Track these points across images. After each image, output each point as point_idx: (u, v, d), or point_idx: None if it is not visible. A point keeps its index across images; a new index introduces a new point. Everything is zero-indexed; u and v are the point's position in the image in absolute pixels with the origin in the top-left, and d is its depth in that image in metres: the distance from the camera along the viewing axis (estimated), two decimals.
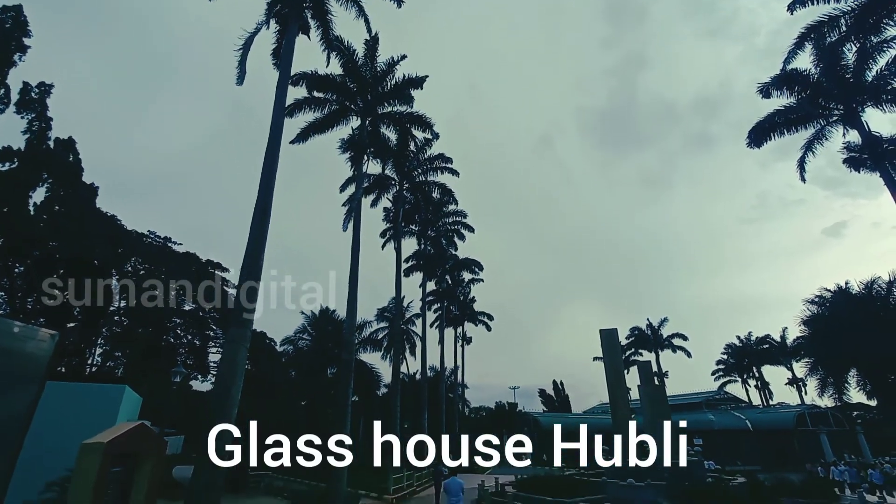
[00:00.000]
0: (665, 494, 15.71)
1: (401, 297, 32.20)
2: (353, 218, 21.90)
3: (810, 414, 41.41)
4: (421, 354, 37.47)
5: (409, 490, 21.76)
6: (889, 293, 25.93)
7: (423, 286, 38.83)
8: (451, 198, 35.04)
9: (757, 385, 61.65)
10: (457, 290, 49.75)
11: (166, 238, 27.87)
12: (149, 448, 7.25)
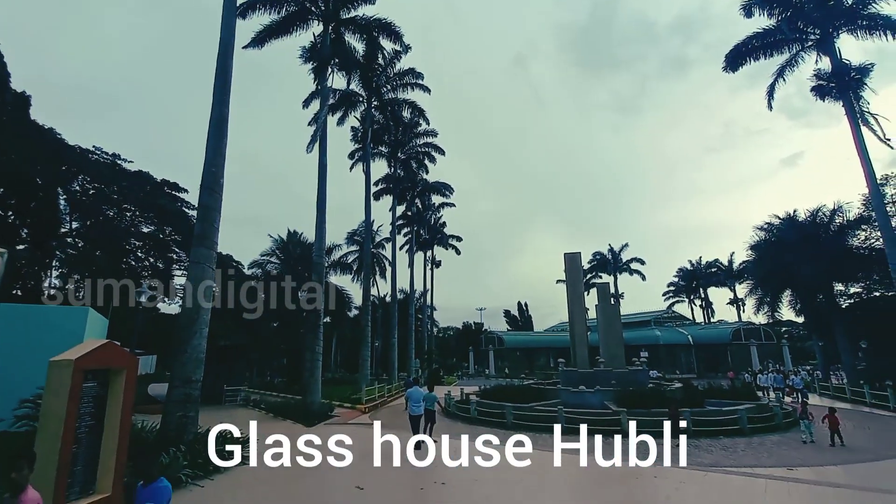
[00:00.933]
0: (611, 398, 17.59)
1: (370, 220, 31.97)
2: (319, 138, 20.84)
3: (744, 329, 45.97)
4: (391, 277, 38.24)
5: (381, 400, 23.34)
6: (831, 221, 27.84)
7: (393, 210, 38.51)
8: (422, 117, 33.60)
9: (702, 305, 67.40)
10: (427, 214, 49.69)
11: (115, 155, 25.77)
12: (120, 363, 7.31)
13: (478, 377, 48.00)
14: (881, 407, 19.57)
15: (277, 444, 11.88)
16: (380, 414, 19.87)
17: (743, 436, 13.79)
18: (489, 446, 12.72)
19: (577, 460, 11.15)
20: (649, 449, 11.48)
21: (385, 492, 8.20)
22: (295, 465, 10.37)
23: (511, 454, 11.55)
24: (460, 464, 10.35)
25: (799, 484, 8.75)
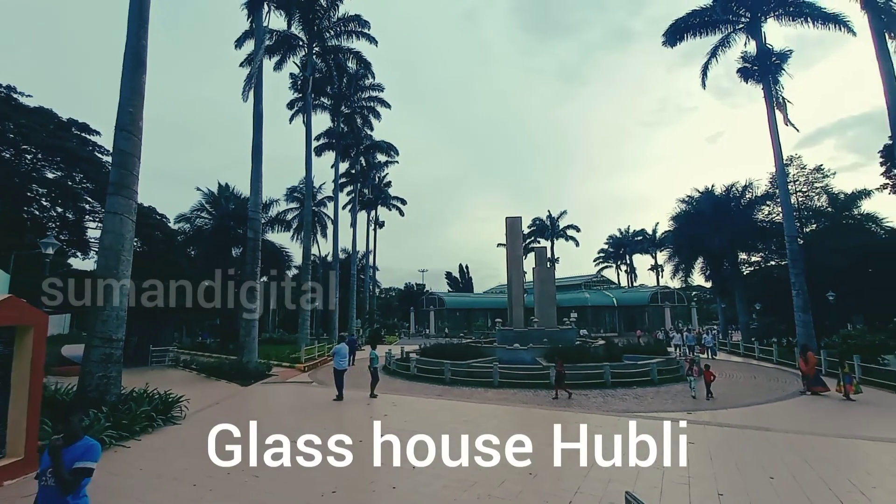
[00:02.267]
0: (542, 354, 18.90)
1: (311, 176, 30.61)
2: (254, 83, 19.28)
3: (661, 293, 50.55)
4: (333, 237, 37.41)
5: (321, 359, 23.33)
6: (742, 196, 30.91)
7: (336, 167, 37.09)
8: (368, 71, 31.98)
9: (627, 270, 72.90)
10: (371, 172, 48.38)
11: (10, 87, 22.13)
12: (26, 320, 6.70)
13: (418, 337, 49.14)
14: (767, 360, 22.67)
15: (212, 403, 11.63)
16: (319, 373, 19.92)
17: (653, 385, 15.47)
18: (429, 398, 13.42)
19: (510, 409, 12.05)
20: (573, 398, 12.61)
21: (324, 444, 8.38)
22: (228, 424, 10.26)
23: (448, 406, 12.25)
24: (401, 417, 10.77)
25: (695, 425, 10.11)
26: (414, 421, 10.21)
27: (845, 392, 12.97)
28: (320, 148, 38.29)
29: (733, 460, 7.40)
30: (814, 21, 21.66)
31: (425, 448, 7.85)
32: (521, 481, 6.18)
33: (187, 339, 35.40)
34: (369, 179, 48.70)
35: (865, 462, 7.41)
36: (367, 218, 52.87)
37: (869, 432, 9.52)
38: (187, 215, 31.33)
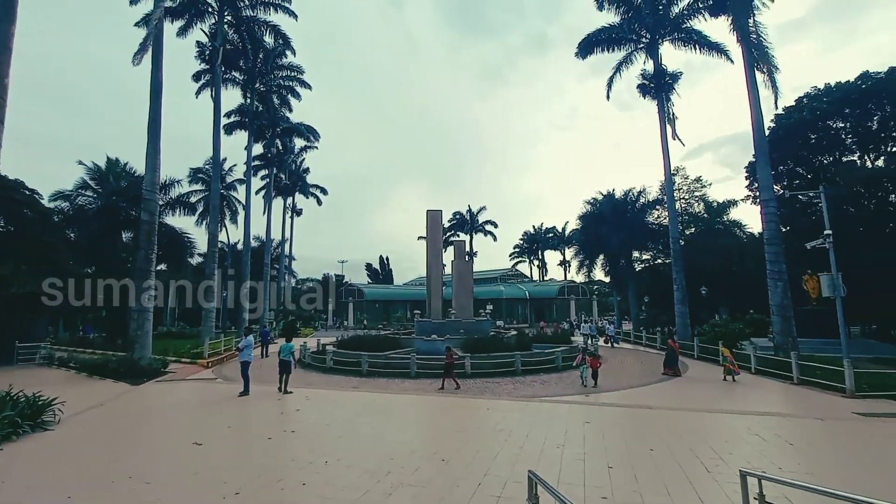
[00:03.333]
0: (459, 345, 19.49)
1: (220, 156, 28.24)
2: (152, 49, 17.25)
3: (567, 287, 54.65)
4: (244, 223, 34.89)
5: (228, 354, 21.81)
6: (636, 200, 34.55)
7: (249, 148, 34.53)
8: (287, 46, 30.15)
9: (539, 265, 77.59)
10: (288, 157, 45.83)
11: None
12: None
13: (336, 329, 47.90)
14: (652, 347, 25.62)
15: (94, 405, 10.37)
16: (225, 368, 18.64)
17: (557, 371, 16.73)
18: (343, 391, 13.23)
19: (426, 399, 12.34)
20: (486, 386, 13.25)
21: (227, 444, 7.93)
22: (114, 426, 9.27)
23: (365, 398, 12.19)
24: (314, 410, 10.51)
25: (591, 406, 11.19)
26: (328, 414, 10.04)
27: (730, 372, 14.97)
28: (231, 126, 35.39)
29: (621, 436, 8.33)
30: (700, 47, 24.67)
31: (339, 441, 7.80)
32: (434, 467, 6.40)
33: (65, 333, 30.92)
34: (286, 164, 46.12)
35: (725, 432, 8.74)
36: (284, 205, 50.17)
37: (728, 406, 11.26)
38: (67, 192, 27.17)
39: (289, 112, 37.94)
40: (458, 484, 5.72)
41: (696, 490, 5.60)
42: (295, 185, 50.22)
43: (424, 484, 5.73)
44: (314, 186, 52.45)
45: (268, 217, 40.70)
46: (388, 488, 5.58)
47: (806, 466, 6.77)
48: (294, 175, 49.72)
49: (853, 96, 23.84)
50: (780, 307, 17.85)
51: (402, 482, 5.78)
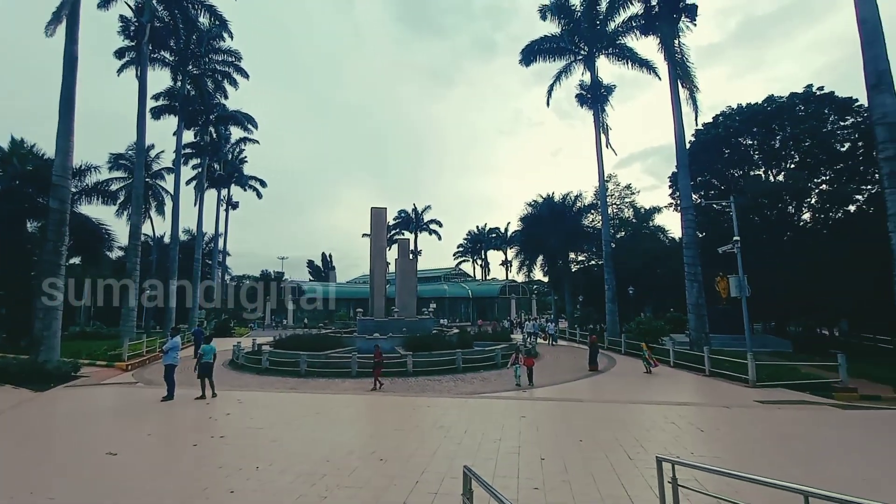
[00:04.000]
0: (401, 344, 19.46)
1: (145, 141, 26.06)
2: (67, 19, 15.58)
3: (509, 286, 56.31)
4: (172, 215, 32.47)
5: (151, 356, 20.21)
6: (573, 204, 36.38)
7: (179, 134, 32.18)
8: (224, 29, 28.40)
9: (482, 264, 79.23)
10: (223, 146, 43.27)
11: None
12: None
13: (274, 328, 45.94)
14: (585, 344, 26.98)
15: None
16: (148, 372, 17.28)
17: (497, 368, 17.19)
18: (279, 392, 12.75)
19: (366, 399, 12.21)
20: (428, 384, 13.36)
21: (146, 454, 7.39)
22: (13, 437, 8.32)
23: (302, 399, 11.83)
24: (246, 414, 10.04)
25: (527, 401, 11.66)
26: (261, 417, 9.64)
27: (649, 364, 16.37)
28: (159, 110, 32.79)
29: (553, 429, 8.76)
30: (632, 63, 26.42)
31: (273, 445, 7.53)
32: (372, 467, 6.38)
33: None
34: (221, 153, 43.55)
35: (646, 421, 9.45)
36: (218, 197, 47.28)
37: (649, 398, 12.19)
38: None
39: (224, 99, 35.82)
40: (396, 482, 5.74)
41: (619, 476, 6.02)
42: (231, 177, 47.48)
43: (362, 485, 5.70)
44: (252, 178, 49.91)
45: (199, 209, 38.23)
46: (322, 491, 5.48)
47: (714, 450, 7.51)
48: (230, 166, 46.98)
49: (760, 117, 26.66)
50: (696, 306, 19.59)
51: (338, 484, 5.70)
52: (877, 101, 12.16)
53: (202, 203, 38.91)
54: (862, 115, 23.19)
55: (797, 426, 9.27)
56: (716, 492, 4.85)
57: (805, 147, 25.66)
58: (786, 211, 24.82)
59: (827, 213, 24.42)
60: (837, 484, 5.86)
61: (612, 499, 5.28)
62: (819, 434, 8.65)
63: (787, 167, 27.02)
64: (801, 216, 25.26)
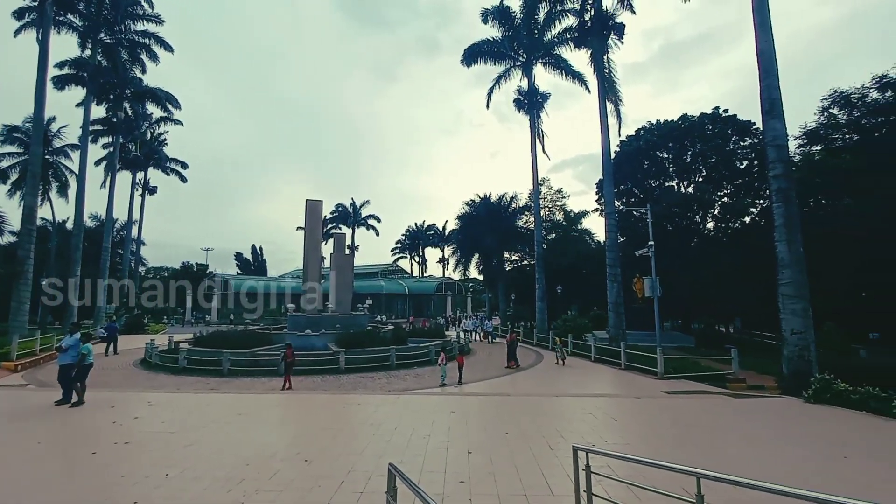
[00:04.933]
0: (334, 340, 19.01)
1: (44, 113, 23.05)
2: None
3: (445, 283, 57.00)
4: (76, 197, 29.06)
5: (47, 354, 18.00)
6: (509, 205, 37.63)
7: (87, 108, 28.84)
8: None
9: (419, 261, 79.43)
10: (141, 125, 39.46)
11: None
12: None
13: (197, 324, 42.78)
14: (519, 341, 28.07)
15: None
16: (42, 373, 15.42)
17: (431, 365, 17.36)
18: (197, 393, 11.93)
19: (294, 398, 11.78)
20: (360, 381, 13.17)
21: (34, 463, 6.60)
22: None
23: (224, 400, 11.16)
24: (157, 417, 9.30)
25: (457, 396, 11.91)
26: (175, 420, 8.98)
27: (563, 356, 17.52)
28: (64, 80, 29.13)
29: (482, 423, 9.03)
30: (566, 73, 27.82)
31: (187, 450, 7.05)
32: (295, 468, 6.20)
33: None
34: (138, 133, 39.68)
35: (567, 413, 10.03)
36: (133, 180, 43.03)
37: (571, 391, 12.97)
38: None
39: (142, 74, 32.65)
40: (320, 484, 5.63)
41: (540, 466, 6.35)
42: (148, 159, 43.40)
43: (283, 487, 5.51)
44: (174, 161, 45.97)
45: (110, 193, 34.64)
46: (240, 497, 5.23)
47: (626, 438, 8.17)
48: (147, 146, 42.94)
49: (675, 133, 29.29)
50: (615, 304, 21.11)
51: (257, 489, 5.47)
52: (769, 125, 13.81)
53: (113, 186, 35.23)
54: (757, 137, 26.27)
55: (696, 414, 10.33)
56: (625, 477, 5.29)
57: (711, 163, 28.59)
58: (693, 220, 27.49)
59: (727, 224, 27.41)
60: (727, 464, 6.65)
61: (533, 488, 5.55)
62: (713, 421, 9.70)
63: (696, 180, 29.90)
64: (706, 225, 28.14)
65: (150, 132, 43.20)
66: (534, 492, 5.43)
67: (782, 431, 8.79)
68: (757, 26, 13.98)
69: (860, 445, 7.73)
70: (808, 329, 12.50)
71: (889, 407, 9.46)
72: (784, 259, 12.82)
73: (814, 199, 22.30)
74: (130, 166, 41.88)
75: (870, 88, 18.99)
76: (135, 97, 34.80)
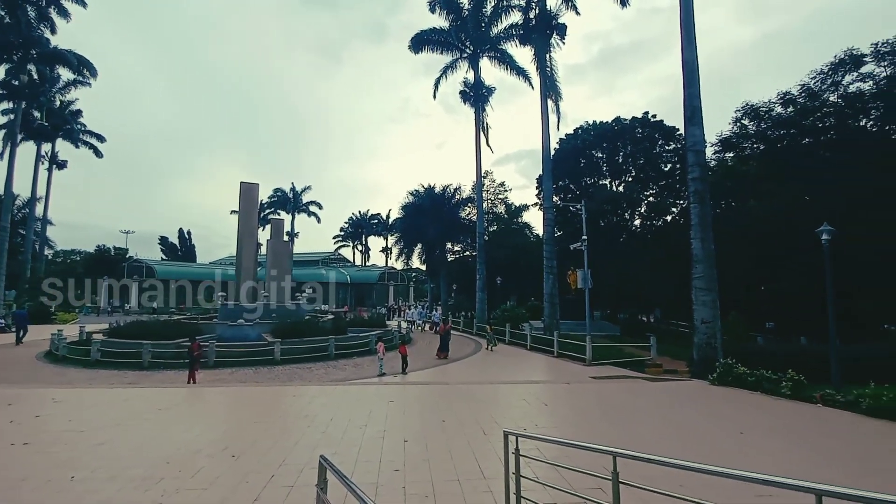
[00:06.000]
0: (269, 330, 18.28)
1: None
2: None
3: (388, 273, 56.62)
4: None
5: None
6: (453, 196, 37.98)
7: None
8: None
9: (362, 250, 78.13)
10: (48, 90, 35.04)
11: None
12: None
13: (114, 314, 39.21)
14: (456, 330, 28.59)
15: None
16: None
17: (371, 354, 17.19)
18: (113, 388, 10.99)
19: (224, 391, 11.22)
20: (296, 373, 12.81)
21: None
22: None
23: (143, 395, 10.38)
24: (64, 415, 8.47)
25: (397, 385, 11.95)
26: (85, 418, 8.24)
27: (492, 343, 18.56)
28: None
29: (420, 412, 9.15)
30: (511, 69, 28.40)
31: (99, 449, 6.51)
32: (222, 464, 5.94)
33: None
34: (44, 100, 35.24)
35: (502, 399, 10.42)
36: (38, 152, 38.23)
37: (507, 378, 13.48)
38: None
39: (52, 34, 28.98)
40: (249, 479, 5.43)
41: (474, 451, 6.55)
42: (57, 129, 38.76)
43: (207, 485, 5.26)
44: (88, 133, 41.40)
45: (10, 165, 30.66)
46: (158, 497, 4.92)
47: (555, 422, 8.65)
48: (57, 115, 38.29)
49: (609, 134, 31.01)
50: (550, 295, 22.13)
51: (178, 488, 5.17)
52: (690, 131, 15.02)
53: (13, 158, 31.10)
54: (680, 142, 28.49)
55: (617, 397, 11.14)
56: (552, 458, 5.62)
57: (640, 164, 30.63)
58: (623, 217, 29.38)
59: (652, 221, 29.58)
60: (642, 442, 7.26)
61: (466, 472, 5.72)
62: (632, 403, 10.52)
63: (626, 180, 31.90)
64: (634, 222, 30.21)
65: (59, 99, 38.55)
66: (467, 476, 5.60)
67: (690, 411, 9.75)
68: (683, 40, 15.06)
69: (754, 422, 8.76)
70: (716, 319, 13.87)
71: (778, 387, 10.77)
72: (698, 255, 14.09)
73: (725, 202, 24.66)
74: (35, 136, 37.22)
75: (775, 103, 21.17)
76: (42, 59, 30.85)
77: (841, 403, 9.43)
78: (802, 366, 10.99)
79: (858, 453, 6.97)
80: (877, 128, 19.01)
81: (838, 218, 13.26)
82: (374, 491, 5.14)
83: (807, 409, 9.59)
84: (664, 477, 4.36)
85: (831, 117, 19.61)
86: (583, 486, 4.58)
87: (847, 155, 18.10)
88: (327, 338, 17.12)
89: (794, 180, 19.84)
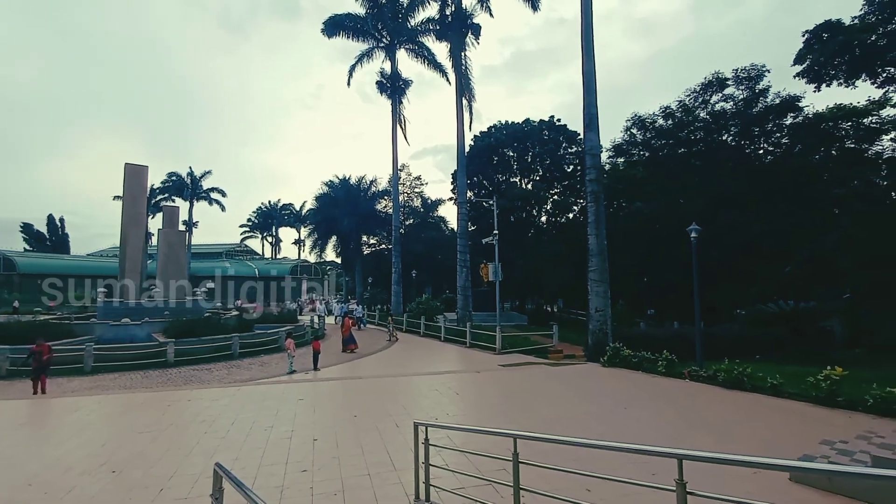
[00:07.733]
0: (161, 330, 16.54)
1: None
2: None
3: (301, 266, 54.14)
4: None
5: None
6: (369, 188, 37.46)
7: None
8: None
9: (273, 242, 73.54)
10: None
11: None
12: None
13: None
14: (372, 323, 28.40)
15: None
16: None
17: (280, 351, 16.41)
18: None
19: (102, 399, 9.96)
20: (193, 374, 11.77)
21: None
22: None
23: (4, 408, 8.85)
24: None
25: (308, 383, 11.56)
26: None
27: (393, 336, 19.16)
28: None
29: (331, 408, 8.98)
30: (428, 63, 28.61)
31: None
32: (100, 482, 5.32)
33: None
34: None
35: (413, 391, 10.56)
36: None
37: (419, 369, 13.70)
38: None
39: None
40: (132, 495, 4.95)
41: (386, 444, 6.58)
42: None
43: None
44: None
45: None
46: None
47: (464, 410, 9.01)
48: None
49: (519, 135, 32.70)
50: (463, 288, 22.88)
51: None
52: (588, 136, 16.43)
53: None
54: (581, 146, 30.96)
55: (522, 382, 11.92)
56: (461, 445, 5.88)
57: (546, 164, 32.76)
58: (531, 213, 31.26)
59: (556, 218, 31.88)
60: (541, 422, 7.86)
61: (377, 465, 5.74)
62: (534, 387, 11.33)
63: (534, 178, 33.93)
64: (541, 219, 32.29)
65: None
66: (377, 470, 5.61)
67: (583, 391, 10.79)
68: (583, 51, 16.33)
69: (635, 398, 9.94)
70: (607, 307, 15.43)
71: (655, 366, 12.30)
72: (593, 249, 15.51)
73: (617, 202, 27.40)
74: None
75: (658, 115, 23.95)
76: None
77: (703, 378, 11.03)
78: (675, 347, 12.69)
79: (714, 419, 8.26)
80: (735, 142, 22.46)
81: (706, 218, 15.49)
82: (279, 494, 4.98)
83: (677, 384, 11.10)
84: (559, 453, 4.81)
85: (701, 131, 22.74)
86: (489, 468, 4.85)
87: (711, 164, 21.18)
88: (230, 336, 15.99)
89: (672, 184, 22.71)
